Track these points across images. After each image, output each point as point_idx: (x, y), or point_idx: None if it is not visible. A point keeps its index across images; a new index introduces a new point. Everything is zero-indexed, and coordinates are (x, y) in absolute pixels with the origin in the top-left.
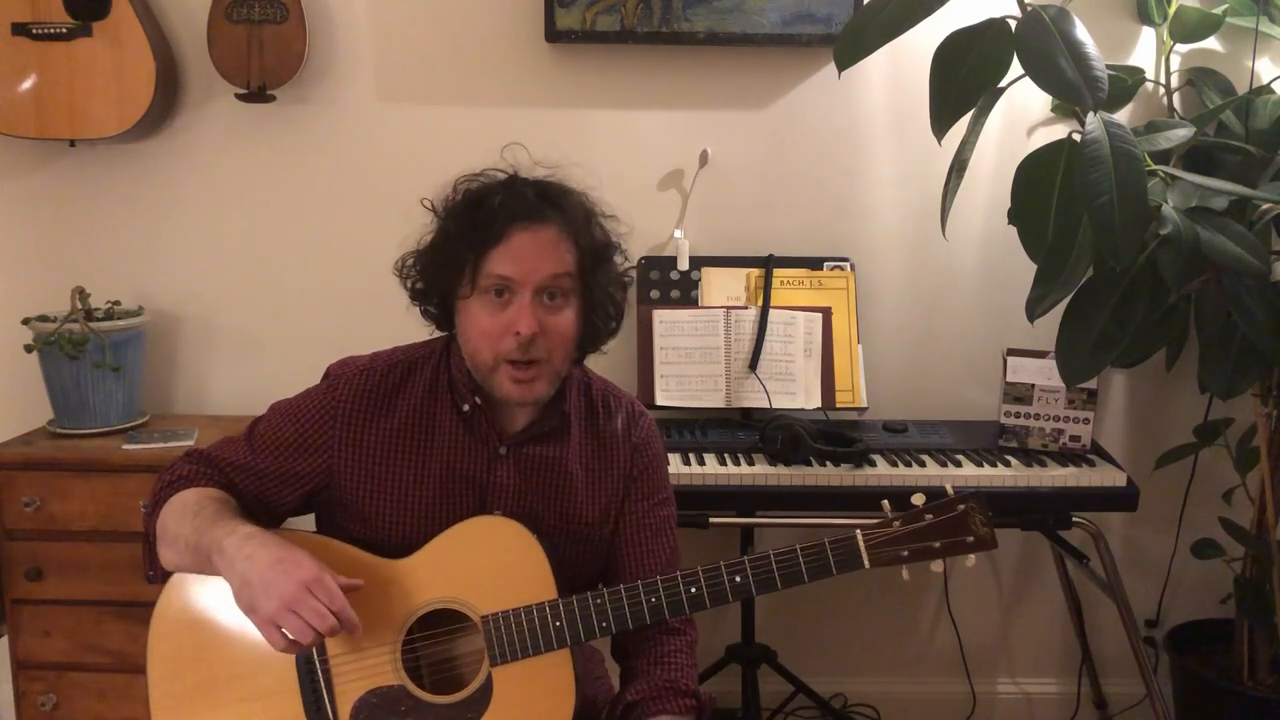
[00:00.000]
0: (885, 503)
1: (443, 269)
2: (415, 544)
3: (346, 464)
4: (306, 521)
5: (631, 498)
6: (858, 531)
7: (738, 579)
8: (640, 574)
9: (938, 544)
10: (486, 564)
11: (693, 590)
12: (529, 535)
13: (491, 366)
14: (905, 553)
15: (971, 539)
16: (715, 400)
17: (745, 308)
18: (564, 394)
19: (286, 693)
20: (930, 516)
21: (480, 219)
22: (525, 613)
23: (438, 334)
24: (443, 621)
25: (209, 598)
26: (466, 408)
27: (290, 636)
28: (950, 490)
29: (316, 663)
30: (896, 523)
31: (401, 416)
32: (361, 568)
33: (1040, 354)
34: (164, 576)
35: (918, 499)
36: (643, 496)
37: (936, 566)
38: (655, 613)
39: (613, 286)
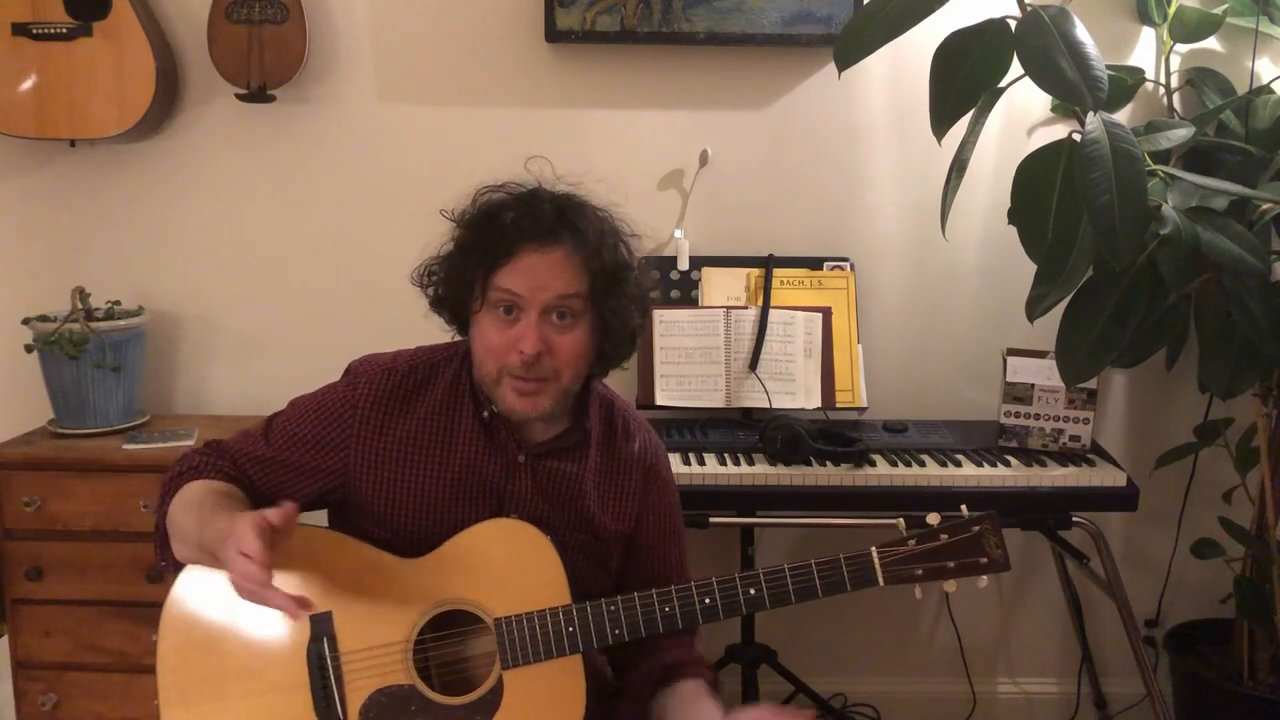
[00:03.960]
0: (900, 521)
1: (455, 281)
2: (430, 545)
3: (362, 463)
4: (319, 517)
5: (644, 519)
6: (873, 549)
7: (752, 591)
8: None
9: (952, 564)
10: (501, 566)
11: (707, 601)
12: (544, 539)
13: (496, 379)
14: (919, 571)
15: (985, 560)
16: (715, 400)
17: (745, 308)
18: (587, 411)
19: (296, 688)
20: (945, 536)
21: (491, 235)
22: (539, 617)
23: (445, 334)
24: (455, 622)
25: (220, 591)
26: (487, 414)
27: (291, 597)
28: (965, 510)
29: (327, 659)
30: (911, 541)
31: (420, 419)
32: (376, 565)
33: (1040, 354)
34: (176, 567)
35: (933, 518)
36: (655, 520)
37: (950, 586)
38: (669, 622)
39: (630, 308)
